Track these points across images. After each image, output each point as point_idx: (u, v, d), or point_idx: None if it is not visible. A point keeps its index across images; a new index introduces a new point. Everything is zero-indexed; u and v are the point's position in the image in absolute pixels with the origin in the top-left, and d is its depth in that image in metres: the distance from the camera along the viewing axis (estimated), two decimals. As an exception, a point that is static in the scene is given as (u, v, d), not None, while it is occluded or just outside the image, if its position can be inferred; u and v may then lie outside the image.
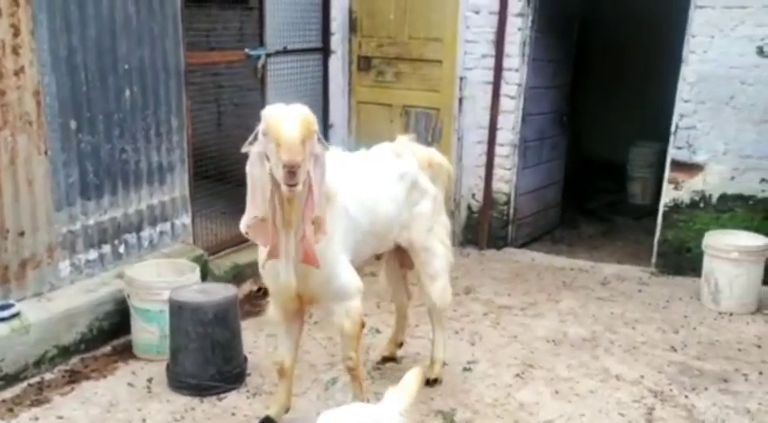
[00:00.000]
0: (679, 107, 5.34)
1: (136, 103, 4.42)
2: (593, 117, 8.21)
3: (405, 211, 3.46)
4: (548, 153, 6.45)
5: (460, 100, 5.92)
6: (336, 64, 6.42)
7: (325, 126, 6.49)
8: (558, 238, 6.66)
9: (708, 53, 5.14)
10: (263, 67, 5.49)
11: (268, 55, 5.52)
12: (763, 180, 5.20)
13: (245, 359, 3.94)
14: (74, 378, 3.84)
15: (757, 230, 5.14)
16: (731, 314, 4.82)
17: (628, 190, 7.90)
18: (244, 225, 2.88)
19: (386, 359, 4.13)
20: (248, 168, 2.79)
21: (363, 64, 6.46)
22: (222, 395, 3.71)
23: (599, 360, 4.18)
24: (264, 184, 2.71)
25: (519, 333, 4.52)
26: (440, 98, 6.14)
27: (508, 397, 3.75)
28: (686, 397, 3.77)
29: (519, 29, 5.64)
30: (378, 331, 4.49)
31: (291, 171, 2.52)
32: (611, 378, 3.96)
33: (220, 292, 3.83)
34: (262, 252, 3.05)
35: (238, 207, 5.59)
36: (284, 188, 2.59)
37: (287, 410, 3.43)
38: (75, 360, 3.98)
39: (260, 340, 4.38)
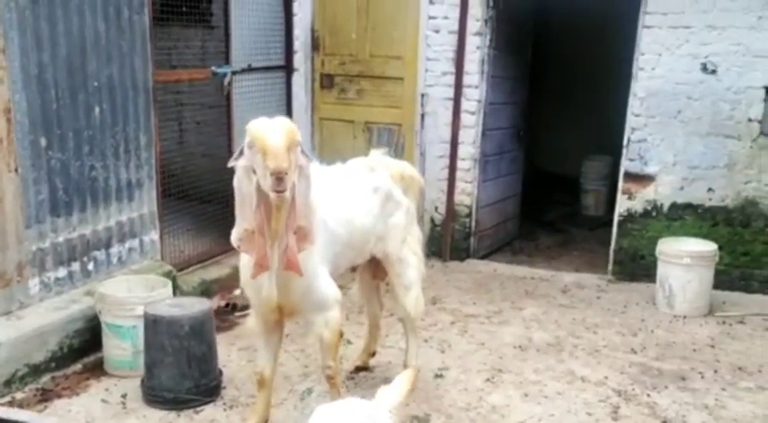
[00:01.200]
0: (630, 121, 5.62)
1: (105, 120, 4.44)
2: (545, 132, 8.49)
3: (380, 222, 3.57)
4: (506, 167, 6.66)
5: (422, 116, 6.09)
6: (299, 81, 6.52)
7: (289, 142, 6.58)
8: (518, 249, 6.86)
9: (656, 70, 5.43)
10: (229, 84, 5.56)
11: (233, 72, 5.59)
12: (710, 189, 5.50)
13: (221, 372, 3.97)
14: (46, 396, 3.80)
15: (706, 237, 5.42)
16: (685, 317, 5.06)
17: (582, 202, 8.18)
18: (235, 238, 2.95)
19: (359, 369, 4.21)
20: (235, 183, 2.87)
21: (326, 81, 6.57)
22: (199, 408, 3.73)
23: (564, 363, 4.34)
24: (252, 197, 2.79)
25: (486, 340, 4.66)
26: (401, 114, 6.30)
27: (480, 401, 3.87)
28: (648, 396, 3.95)
29: (477, 47, 5.86)
30: (349, 342, 4.56)
31: (279, 177, 2.61)
32: (577, 380, 4.12)
33: (195, 305, 3.87)
34: (245, 266, 3.12)
35: (203, 224, 5.72)
36: (272, 196, 2.67)
37: (266, 421, 3.47)
38: (45, 378, 3.95)
39: (232, 354, 4.41)
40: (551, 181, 8.65)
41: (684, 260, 5.06)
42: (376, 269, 3.86)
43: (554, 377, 4.16)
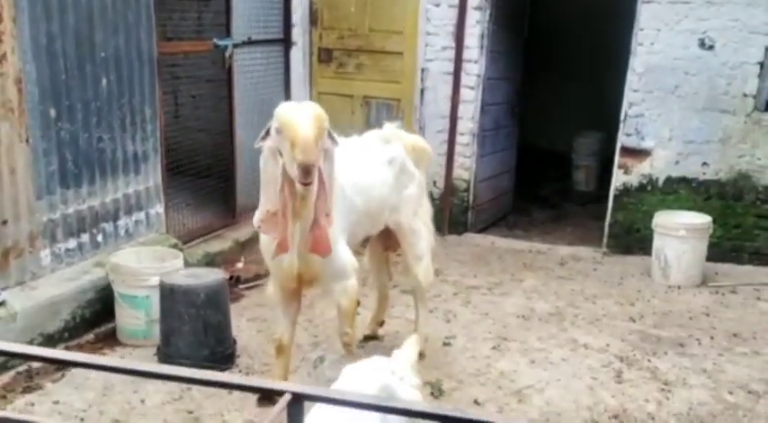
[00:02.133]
0: (628, 96, 5.71)
1: (112, 91, 4.44)
2: (537, 108, 8.57)
3: (394, 194, 3.63)
4: (502, 142, 6.74)
5: (422, 91, 6.14)
6: (298, 55, 6.52)
7: (288, 117, 6.60)
8: (513, 224, 6.97)
9: (654, 45, 5.52)
10: (230, 57, 5.56)
11: (234, 45, 5.58)
12: (704, 163, 5.63)
13: (235, 341, 4.04)
14: (59, 366, 3.84)
15: (700, 210, 5.56)
16: (679, 287, 5.22)
17: (573, 177, 8.30)
18: (257, 219, 3.00)
19: (368, 338, 4.30)
20: (261, 164, 2.91)
21: (324, 56, 6.59)
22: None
23: (567, 332, 4.47)
24: (277, 179, 2.82)
25: (490, 310, 4.77)
26: (400, 89, 6.34)
27: (488, 367, 3.99)
28: (649, 361, 4.10)
29: (477, 21, 5.90)
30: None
31: (306, 170, 2.62)
32: (580, 347, 4.25)
33: (209, 275, 3.92)
34: (265, 239, 3.17)
35: (204, 198, 5.75)
36: (299, 186, 2.71)
37: (284, 386, 3.54)
38: (60, 348, 3.98)
39: (242, 324, 4.47)
40: (543, 157, 8.75)
41: (680, 232, 5.20)
42: (387, 240, 3.93)
43: (558, 345, 4.28)
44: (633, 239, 5.89)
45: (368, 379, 2.12)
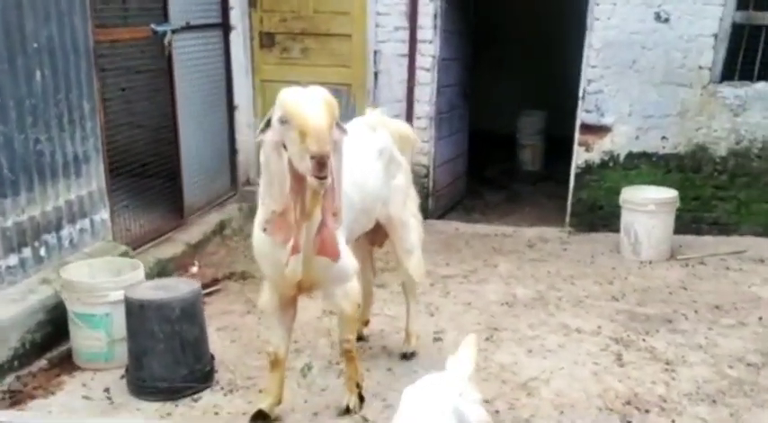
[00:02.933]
0: (586, 73, 5.63)
1: (47, 86, 3.95)
2: (478, 88, 8.45)
3: (385, 186, 3.37)
4: (456, 125, 6.57)
5: (375, 74, 5.86)
6: (237, 41, 6.11)
7: (230, 108, 6.19)
8: (470, 208, 6.83)
9: (611, 20, 5.45)
10: (170, 44, 5.10)
11: (173, 31, 5.12)
12: (663, 137, 5.63)
13: (212, 356, 3.68)
14: (16, 398, 3.39)
15: (660, 184, 5.57)
16: (651, 262, 5.20)
17: (519, 157, 8.23)
18: (260, 222, 2.67)
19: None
20: (262, 159, 2.59)
21: (266, 40, 6.19)
22: (196, 396, 3.44)
23: (554, 316, 4.34)
24: (283, 176, 2.51)
25: (472, 300, 4.58)
26: (351, 73, 6.04)
27: (487, 361, 3.79)
28: (644, 340, 4.02)
29: (430, 0, 5.66)
30: (331, 313, 4.35)
31: (321, 162, 2.33)
32: (573, 332, 4.13)
33: (181, 286, 3.53)
34: (257, 237, 2.84)
35: (149, 199, 5.27)
36: (312, 181, 2.41)
37: (279, 402, 3.23)
38: (10, 379, 3.51)
39: (212, 335, 4.07)
40: (486, 138, 8.64)
41: (649, 207, 5.18)
42: (374, 234, 3.66)
43: (550, 331, 4.14)
44: (597, 217, 5.84)
45: (436, 405, 1.88)
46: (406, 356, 3.79)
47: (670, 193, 5.29)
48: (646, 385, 3.54)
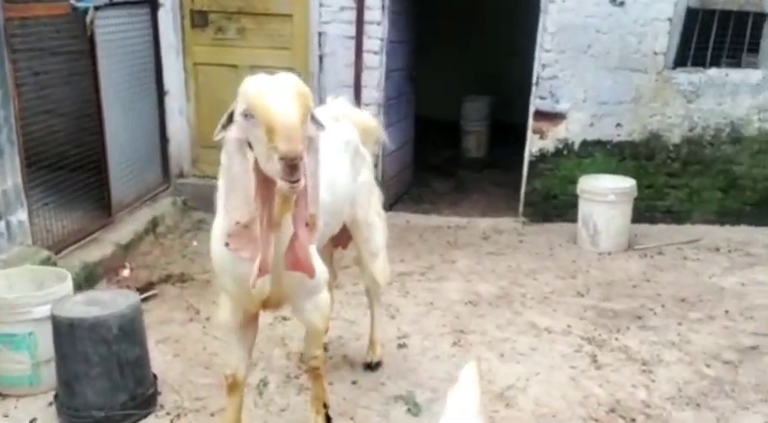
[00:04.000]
0: (540, 57, 5.42)
1: (-50, 69, 3.39)
2: (421, 74, 8.17)
3: (353, 183, 3.03)
4: (403, 111, 6.27)
5: (320, 58, 5.47)
6: (166, 19, 5.60)
7: (160, 93, 5.67)
8: (418, 197, 6.55)
9: (566, 2, 5.25)
10: (92, 22, 4.56)
11: (96, 8, 4.58)
12: (618, 124, 5.50)
13: (155, 376, 3.26)
14: None
15: (614, 172, 5.45)
16: (610, 253, 5.07)
17: (463, 144, 8.01)
18: (220, 234, 2.29)
19: None
20: (224, 161, 2.20)
21: (199, 19, 5.70)
22: (139, 424, 3.04)
23: (522, 315, 4.12)
24: (247, 180, 2.14)
25: (433, 299, 4.31)
26: (292, 56, 5.63)
27: (458, 368, 3.45)
28: (616, 339, 3.85)
29: (378, -22, 5.32)
30: (284, 318, 4.00)
31: (292, 164, 1.98)
32: (543, 332, 3.92)
33: (119, 300, 3.09)
34: (217, 251, 2.44)
35: (73, 196, 4.73)
36: (283, 185, 2.03)
37: (238, 429, 2.87)
38: None
39: (152, 351, 3.64)
40: (428, 125, 8.38)
41: (609, 197, 5.03)
42: (338, 236, 3.31)
43: (519, 332, 3.92)
44: (551, 206, 5.68)
45: None
46: (371, 366, 3.49)
47: (629, 183, 5.16)
48: (626, 389, 3.36)
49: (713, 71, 5.38)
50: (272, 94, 2.05)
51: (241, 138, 2.13)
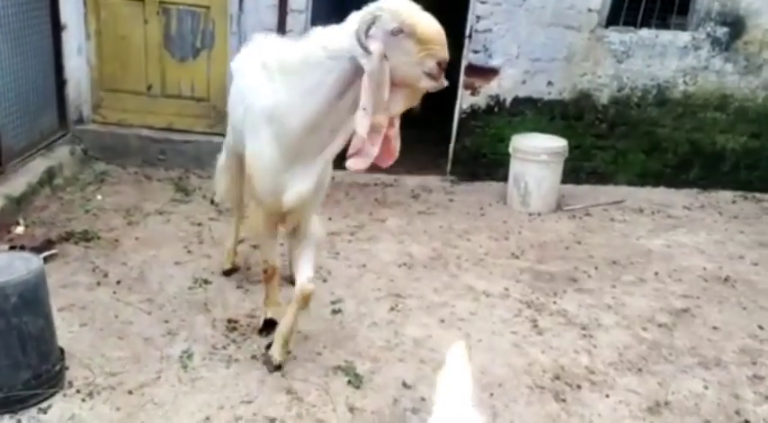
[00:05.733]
0: (475, 9, 5.20)
1: None
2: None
3: None
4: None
5: (241, -4, 5.01)
6: (63, -56, 4.94)
7: (56, 28, 5.04)
8: (342, 152, 6.23)
9: (504, -48, 5.03)
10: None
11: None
12: (549, 83, 5.39)
13: (62, 350, 2.88)
14: None
15: (543, 131, 5.36)
16: (539, 214, 5.00)
17: (384, 98, 7.73)
18: (363, 131, 2.50)
19: (231, 271, 3.83)
20: (371, 69, 2.40)
21: (101, -54, 5.07)
22: (44, 404, 2.66)
23: (458, 278, 3.97)
24: (384, 87, 2.42)
25: (365, 261, 4.09)
26: (208, -7, 5.14)
27: (398, 335, 3.34)
28: (555, 303, 3.77)
29: None
30: (206, 282, 3.68)
31: (444, 67, 2.39)
32: (481, 295, 3.79)
33: (17, 264, 2.66)
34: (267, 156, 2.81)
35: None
36: (431, 84, 2.41)
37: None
38: None
39: (55, 320, 3.23)
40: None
41: (542, 157, 4.94)
42: None
43: (457, 295, 3.77)
44: (480, 165, 5.55)
45: None
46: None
47: (561, 143, 5.08)
48: (569, 355, 3.28)
49: (644, 32, 5.35)
50: (420, 12, 2.39)
51: (383, 51, 2.39)
